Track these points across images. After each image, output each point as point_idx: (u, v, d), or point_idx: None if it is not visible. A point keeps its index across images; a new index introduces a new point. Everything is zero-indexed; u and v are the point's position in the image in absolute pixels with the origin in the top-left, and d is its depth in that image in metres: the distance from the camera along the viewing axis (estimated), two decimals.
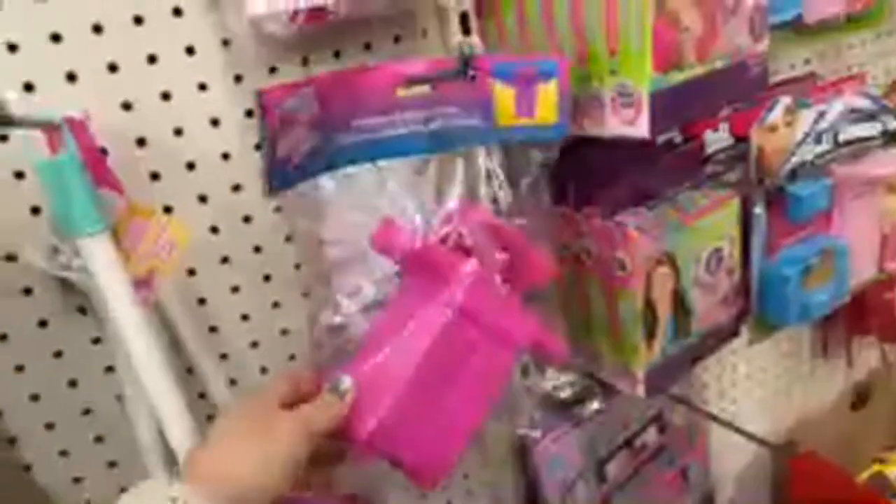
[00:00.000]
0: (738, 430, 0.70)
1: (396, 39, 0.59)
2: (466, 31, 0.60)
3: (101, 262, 0.38)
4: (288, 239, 0.59)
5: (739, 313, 0.63)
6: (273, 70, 0.55)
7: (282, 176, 0.40)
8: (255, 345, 0.60)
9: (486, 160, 0.47)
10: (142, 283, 0.41)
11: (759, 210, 0.60)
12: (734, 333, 0.65)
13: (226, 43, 0.52)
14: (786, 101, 0.63)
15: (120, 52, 0.49)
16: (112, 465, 0.56)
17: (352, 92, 0.41)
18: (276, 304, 0.60)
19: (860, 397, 1.16)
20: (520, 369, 0.58)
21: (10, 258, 0.49)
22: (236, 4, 0.45)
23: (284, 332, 0.61)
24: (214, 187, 0.55)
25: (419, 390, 0.44)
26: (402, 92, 0.42)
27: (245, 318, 0.59)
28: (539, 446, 0.71)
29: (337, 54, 0.57)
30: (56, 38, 0.47)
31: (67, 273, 0.43)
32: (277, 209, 0.58)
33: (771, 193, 0.60)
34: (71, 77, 0.48)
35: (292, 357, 0.62)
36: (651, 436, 0.82)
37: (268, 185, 0.40)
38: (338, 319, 0.57)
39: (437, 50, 0.60)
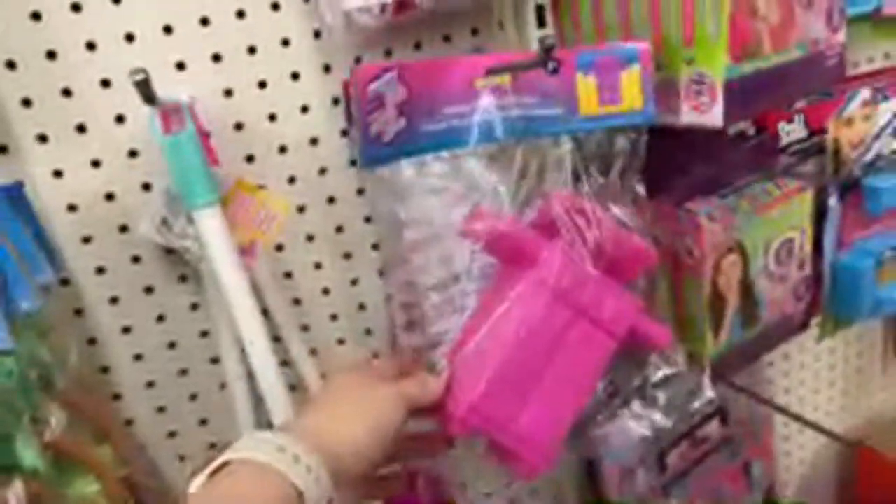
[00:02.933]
0: (808, 423, 0.69)
1: (474, 32, 0.62)
2: (542, 23, 0.62)
3: (212, 231, 0.42)
4: (367, 220, 0.63)
5: (809, 306, 0.63)
6: (359, 60, 0.58)
7: (374, 152, 0.43)
8: (334, 318, 0.64)
9: (570, 149, 0.49)
10: (245, 251, 0.45)
11: (833, 202, 0.60)
12: (803, 326, 0.64)
13: (317, 35, 0.56)
14: (864, 93, 0.62)
15: (223, 44, 0.54)
16: (203, 422, 0.61)
17: (435, 81, 0.44)
18: (354, 282, 0.64)
19: None
20: None
21: (123, 229, 0.54)
22: None
23: (362, 306, 0.65)
24: (303, 169, 0.59)
25: (514, 370, 0.45)
26: (480, 82, 0.45)
27: (326, 292, 0.63)
28: (599, 432, 0.72)
29: (418, 45, 0.60)
30: (168, 29, 0.52)
31: (176, 243, 0.47)
32: (360, 191, 0.62)
33: (846, 186, 0.60)
34: (180, 66, 0.53)
35: (368, 331, 0.66)
36: (714, 428, 0.82)
37: (361, 159, 0.43)
38: (412, 297, 0.60)
39: (512, 42, 0.62)
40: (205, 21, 0.53)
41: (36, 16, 0.48)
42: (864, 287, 0.61)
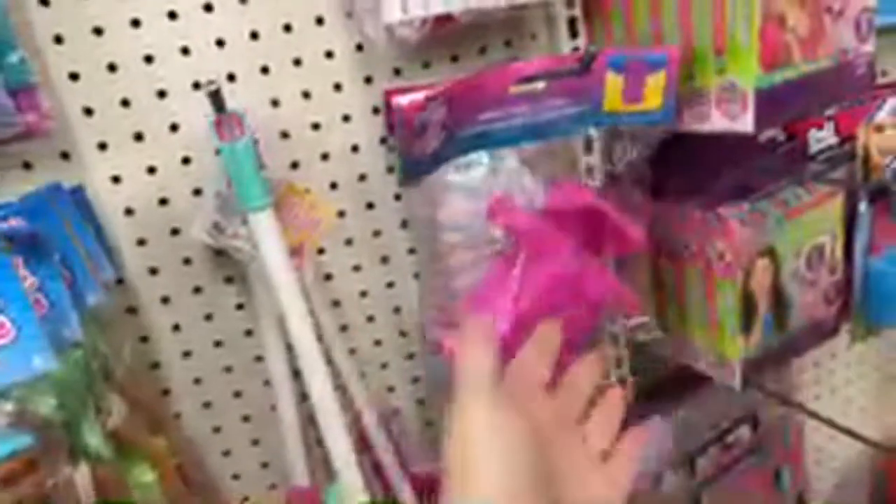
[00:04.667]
0: (842, 429, 0.69)
1: (507, 43, 0.64)
2: (574, 34, 0.64)
3: (266, 233, 0.44)
4: (404, 225, 0.65)
5: (840, 312, 0.64)
6: (398, 72, 0.61)
7: (414, 170, 0.45)
8: (370, 319, 0.66)
9: (590, 146, 0.51)
10: (294, 253, 0.48)
11: (863, 208, 0.60)
12: (834, 331, 0.65)
13: (359, 48, 0.59)
14: (893, 101, 0.63)
15: (271, 57, 0.56)
16: (246, 419, 0.64)
17: (474, 93, 0.46)
18: (390, 284, 0.66)
19: None
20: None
21: (175, 232, 0.57)
22: (374, 12, 0.51)
23: (397, 309, 0.67)
24: (344, 176, 0.61)
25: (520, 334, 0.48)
26: (513, 89, 0.47)
27: (363, 294, 0.65)
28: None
29: (455, 58, 0.62)
30: (220, 43, 0.55)
31: (226, 245, 0.50)
32: (397, 197, 0.64)
33: (876, 192, 0.61)
34: (231, 77, 0.56)
35: (402, 333, 0.68)
36: (744, 433, 0.83)
37: (401, 179, 0.45)
38: (446, 299, 0.62)
39: (544, 52, 0.64)
40: (254, 35, 0.56)
41: (98, 31, 0.51)
42: None
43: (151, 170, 0.55)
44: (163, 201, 0.56)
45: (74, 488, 0.37)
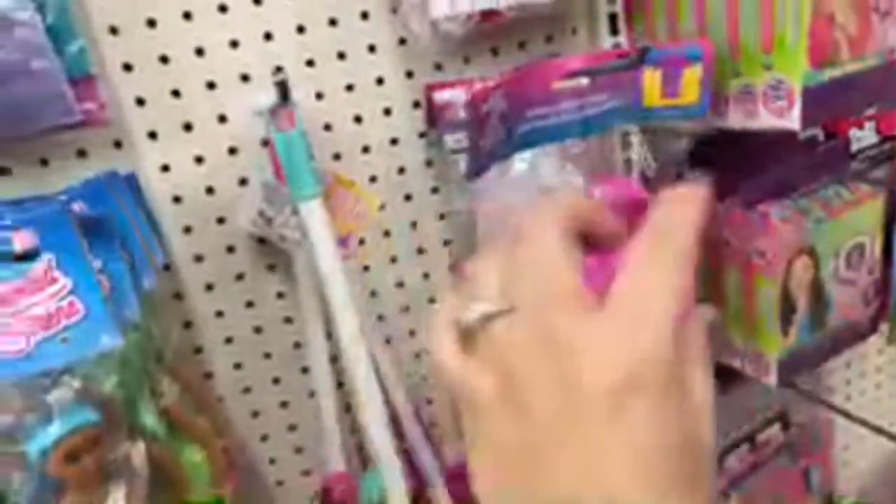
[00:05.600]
0: (879, 430, 0.68)
1: (548, 39, 0.65)
2: (615, 31, 0.64)
3: (316, 221, 0.46)
4: (441, 217, 0.66)
5: (877, 312, 0.64)
6: (439, 67, 0.61)
7: (481, 164, 0.46)
8: (406, 309, 0.67)
9: (633, 142, 0.52)
10: (341, 242, 0.49)
11: None
12: (870, 332, 0.65)
13: (402, 42, 0.60)
14: None
15: (317, 50, 0.57)
16: (284, 404, 0.65)
17: (524, 87, 0.46)
18: (426, 275, 0.67)
19: None
20: None
21: (221, 221, 0.58)
22: (420, 7, 0.52)
23: (432, 300, 0.68)
24: (383, 168, 0.62)
25: None
26: (557, 84, 0.47)
27: (400, 285, 0.66)
28: None
29: (495, 52, 0.63)
30: (268, 36, 0.56)
31: (274, 232, 0.51)
32: (434, 190, 0.65)
33: None
34: (277, 69, 0.57)
35: None
36: (775, 432, 0.83)
37: (471, 172, 0.46)
38: None
39: (584, 48, 0.65)
40: (301, 29, 0.57)
41: (151, 23, 0.53)
42: None
43: (199, 159, 0.56)
44: (209, 190, 0.57)
45: (131, 465, 0.38)
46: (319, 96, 0.58)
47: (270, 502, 0.67)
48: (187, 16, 0.53)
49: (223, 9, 0.54)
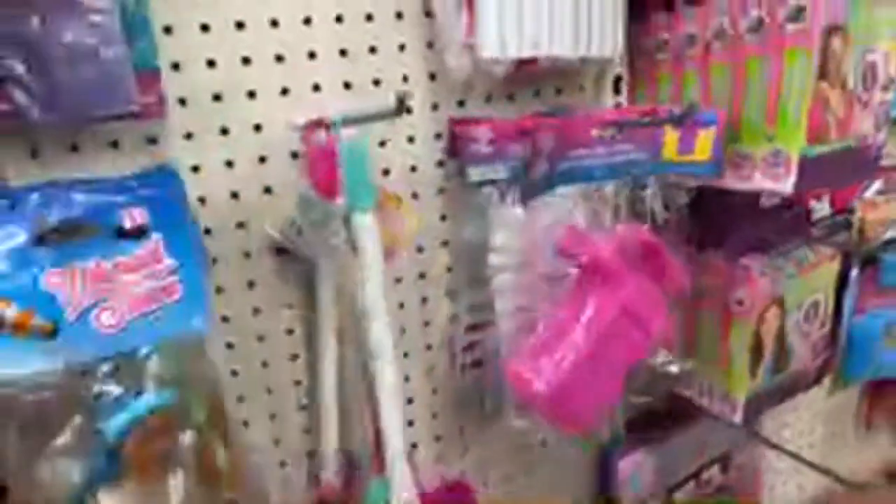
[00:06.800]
0: (820, 469, 0.76)
1: (558, 91, 0.71)
2: (617, 91, 0.71)
3: (369, 233, 0.47)
4: (444, 244, 0.69)
5: (825, 363, 0.72)
6: (461, 103, 0.66)
7: (528, 193, 0.50)
8: (402, 332, 0.69)
9: (648, 192, 0.58)
10: (386, 254, 0.51)
11: (855, 272, 0.69)
12: (816, 381, 0.73)
13: (432, 77, 0.63)
14: (877, 184, 0.73)
15: (355, 74, 0.60)
16: (272, 416, 0.65)
17: (571, 130, 0.52)
18: (424, 300, 0.70)
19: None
20: None
21: (240, 226, 0.59)
22: (466, 46, 0.56)
23: (427, 323, 0.70)
24: (400, 192, 0.65)
25: (584, 368, 0.53)
26: (595, 132, 0.53)
27: (401, 306, 0.68)
28: (623, 461, 0.78)
29: (511, 97, 0.68)
30: (312, 55, 0.58)
31: (295, 243, 0.53)
32: (443, 217, 0.68)
33: (867, 259, 0.69)
34: (316, 87, 0.59)
35: (429, 347, 0.71)
36: (715, 473, 0.89)
37: (521, 200, 0.50)
38: (481, 318, 0.66)
39: (590, 103, 0.71)
40: (343, 52, 0.60)
41: (205, 27, 0.54)
42: (873, 350, 0.70)
43: (229, 163, 0.57)
44: (234, 195, 0.58)
45: (181, 453, 0.38)
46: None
47: None
48: (240, 25, 0.55)
49: (275, 23, 0.56)
